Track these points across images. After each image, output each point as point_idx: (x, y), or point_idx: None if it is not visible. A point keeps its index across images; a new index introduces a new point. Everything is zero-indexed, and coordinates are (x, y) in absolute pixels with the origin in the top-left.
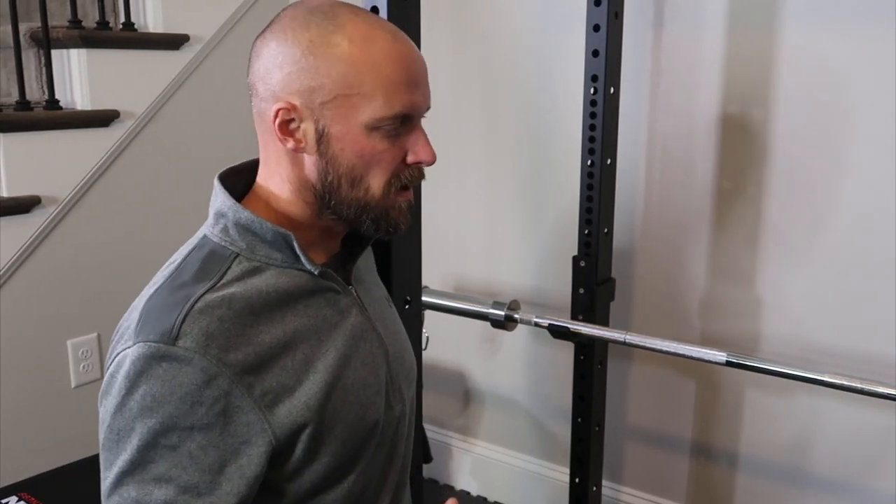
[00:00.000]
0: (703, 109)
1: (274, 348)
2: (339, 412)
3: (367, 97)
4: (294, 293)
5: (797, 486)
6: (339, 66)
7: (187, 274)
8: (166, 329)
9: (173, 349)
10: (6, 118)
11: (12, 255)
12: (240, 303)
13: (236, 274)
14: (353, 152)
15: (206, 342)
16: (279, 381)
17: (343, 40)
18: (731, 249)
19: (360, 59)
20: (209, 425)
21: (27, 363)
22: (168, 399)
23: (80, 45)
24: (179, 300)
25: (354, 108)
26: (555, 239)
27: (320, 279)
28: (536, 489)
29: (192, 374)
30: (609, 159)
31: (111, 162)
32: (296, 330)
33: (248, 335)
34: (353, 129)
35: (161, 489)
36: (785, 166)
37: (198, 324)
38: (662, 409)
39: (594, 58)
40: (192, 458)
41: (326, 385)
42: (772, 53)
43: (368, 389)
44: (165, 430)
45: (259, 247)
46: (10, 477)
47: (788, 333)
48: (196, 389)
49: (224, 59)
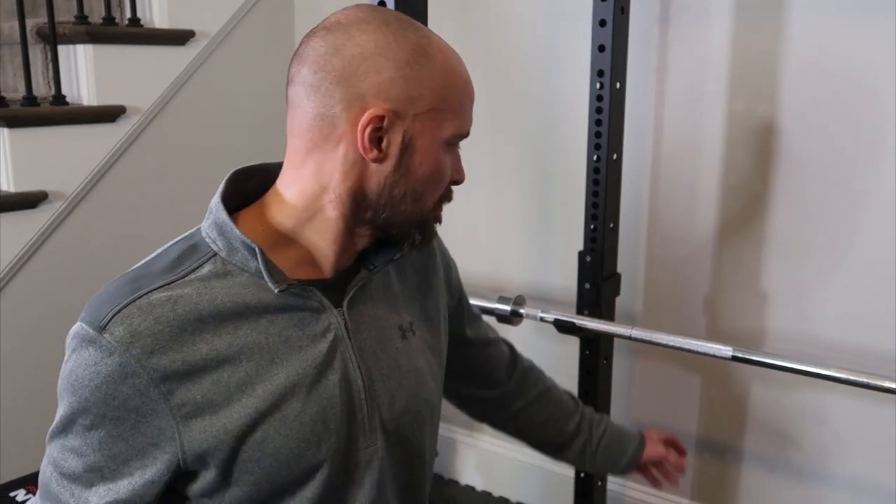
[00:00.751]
0: (710, 105)
1: (210, 360)
2: (267, 445)
3: (453, 113)
4: (256, 307)
5: (802, 481)
6: (438, 79)
7: (159, 264)
8: (100, 317)
9: (99, 337)
10: (13, 113)
11: (19, 251)
12: (186, 307)
13: (204, 273)
14: (429, 166)
15: (130, 340)
16: (205, 396)
17: (437, 54)
18: (736, 245)
19: (453, 75)
20: (120, 419)
21: (33, 358)
22: (86, 384)
23: (87, 41)
24: (128, 291)
25: (441, 122)
26: (560, 234)
27: (293, 297)
28: (541, 484)
29: (111, 367)
30: (615, 154)
31: (117, 157)
32: (245, 346)
33: (184, 341)
34: (434, 143)
35: (73, 460)
36: (791, 162)
37: (129, 320)
38: (668, 404)
39: (600, 53)
40: (101, 443)
41: (257, 413)
42: (779, 48)
43: (317, 426)
44: (82, 410)
45: (235, 251)
46: (18, 471)
47: (794, 328)
48: (112, 382)
49: (230, 55)
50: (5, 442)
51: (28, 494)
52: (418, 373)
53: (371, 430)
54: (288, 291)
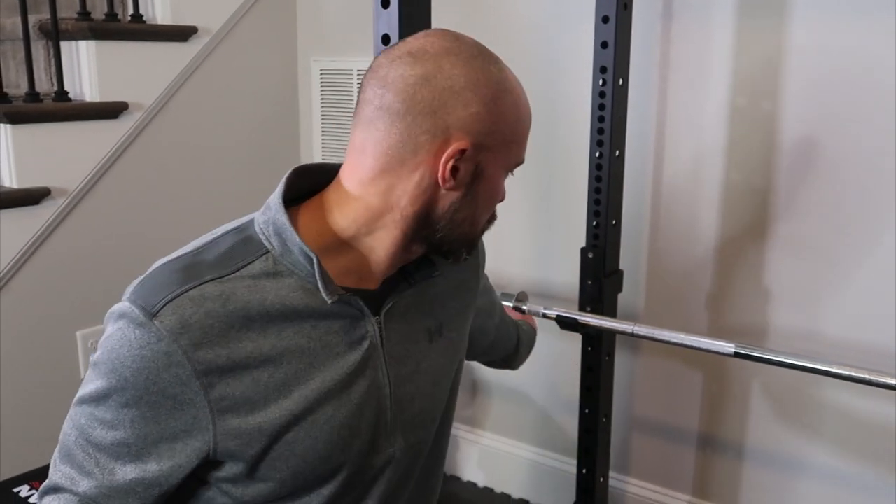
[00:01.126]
0: (712, 101)
1: (253, 359)
2: (298, 446)
3: (519, 145)
4: (303, 311)
5: (803, 477)
6: (513, 113)
7: (211, 254)
8: (153, 302)
9: (149, 323)
10: (16, 110)
11: (22, 246)
12: (236, 305)
13: (256, 271)
14: (492, 192)
15: (180, 330)
16: (244, 393)
17: (515, 89)
18: (739, 241)
19: (524, 109)
20: (157, 403)
21: (36, 354)
22: (129, 365)
23: (89, 37)
24: (182, 280)
25: (509, 152)
26: (563, 230)
27: (338, 304)
28: (543, 480)
29: (158, 353)
30: (617, 151)
31: (120, 153)
32: (287, 348)
33: (230, 338)
34: (499, 172)
35: (102, 431)
36: (794, 159)
37: (181, 310)
38: (670, 400)
39: (603, 49)
40: (133, 421)
41: (291, 415)
42: (781, 44)
43: (344, 431)
44: (120, 388)
45: (289, 253)
46: (22, 466)
47: (797, 325)
48: (156, 369)
49: (232, 51)
50: (8, 438)
51: (31, 490)
52: (436, 373)
53: (391, 433)
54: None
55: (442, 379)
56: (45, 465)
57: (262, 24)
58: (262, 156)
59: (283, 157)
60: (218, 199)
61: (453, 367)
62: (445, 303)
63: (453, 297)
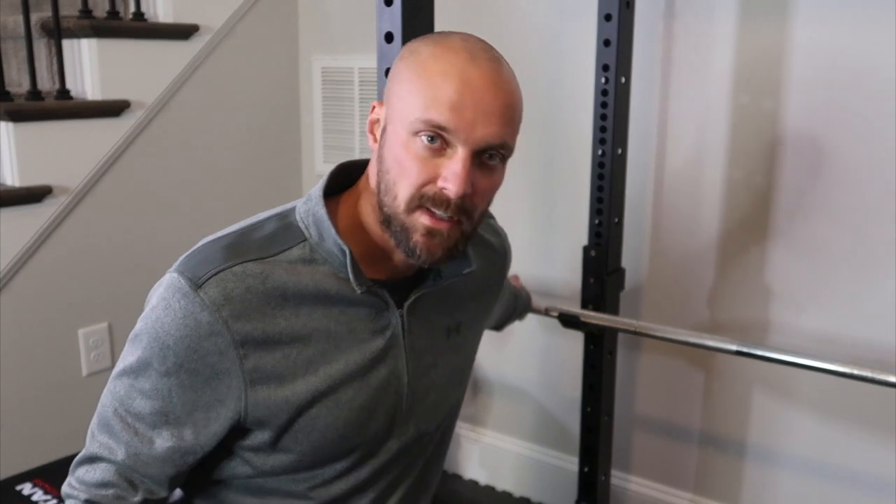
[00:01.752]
0: (714, 99)
1: (285, 336)
2: (320, 421)
3: (415, 101)
4: (333, 297)
5: (805, 475)
6: (409, 71)
7: (254, 236)
8: (199, 274)
9: (192, 293)
10: (18, 108)
11: (24, 245)
12: (274, 283)
13: (294, 257)
14: (393, 155)
15: (222, 302)
16: (274, 367)
17: (427, 51)
18: (741, 239)
19: (426, 67)
20: (196, 371)
21: (39, 352)
22: (172, 333)
23: (91, 35)
24: (226, 257)
25: (405, 109)
26: (565, 228)
27: (366, 293)
28: (545, 478)
29: (200, 322)
30: (620, 149)
31: (122, 152)
32: (316, 329)
33: (266, 313)
34: (399, 130)
35: (141, 400)
36: (796, 157)
37: (224, 284)
38: (671, 398)
39: (605, 47)
40: (171, 390)
41: (316, 391)
42: (783, 43)
43: (363, 413)
44: (161, 356)
45: (324, 243)
46: (24, 464)
47: (799, 323)
48: (197, 337)
49: (234, 49)
50: (10, 436)
51: (34, 488)
52: (451, 368)
53: (405, 422)
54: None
55: (455, 375)
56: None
57: (264, 23)
58: (264, 154)
59: (284, 156)
60: (219, 196)
61: (467, 364)
62: (467, 304)
63: (475, 300)
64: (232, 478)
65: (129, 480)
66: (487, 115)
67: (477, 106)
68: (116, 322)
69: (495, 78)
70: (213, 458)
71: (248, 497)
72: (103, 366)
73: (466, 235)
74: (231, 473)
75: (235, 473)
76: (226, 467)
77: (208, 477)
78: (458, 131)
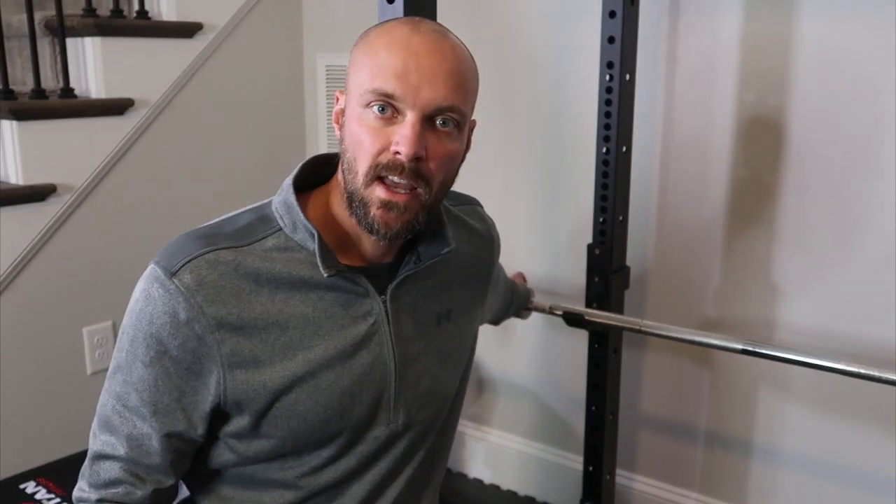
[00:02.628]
0: (720, 97)
1: (261, 321)
2: (298, 406)
3: (362, 74)
4: (309, 282)
5: (811, 474)
6: (357, 52)
7: (229, 227)
8: (173, 263)
9: (168, 282)
10: (22, 106)
11: (28, 243)
12: (247, 269)
13: (268, 245)
14: (350, 133)
15: (196, 287)
16: (251, 351)
17: (373, 32)
18: (746, 238)
19: (370, 44)
20: (179, 359)
21: (43, 351)
22: (153, 322)
23: (95, 34)
24: (199, 245)
25: (355, 85)
26: (569, 226)
27: (342, 279)
28: (550, 477)
29: (175, 309)
30: (624, 147)
31: (126, 150)
32: (293, 314)
33: (241, 298)
34: (353, 107)
35: (134, 393)
36: (801, 154)
37: (198, 271)
38: (677, 397)
39: (610, 44)
40: (157, 380)
41: (294, 377)
42: (789, 40)
43: (345, 398)
44: (146, 347)
45: (297, 230)
46: (28, 463)
47: (805, 321)
48: (175, 323)
49: (238, 48)
50: (15, 434)
51: (38, 487)
52: (445, 357)
53: (395, 410)
54: (338, 275)
55: (450, 363)
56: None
57: (268, 21)
58: (268, 152)
59: (288, 154)
60: (224, 195)
61: (463, 353)
62: (456, 290)
63: (464, 286)
64: (222, 467)
65: (136, 475)
66: (432, 79)
67: (420, 70)
68: (121, 320)
69: (439, 44)
70: (203, 445)
71: (242, 489)
72: (108, 364)
73: (426, 206)
74: (220, 462)
75: (224, 461)
76: (214, 455)
77: (203, 468)
78: (405, 96)
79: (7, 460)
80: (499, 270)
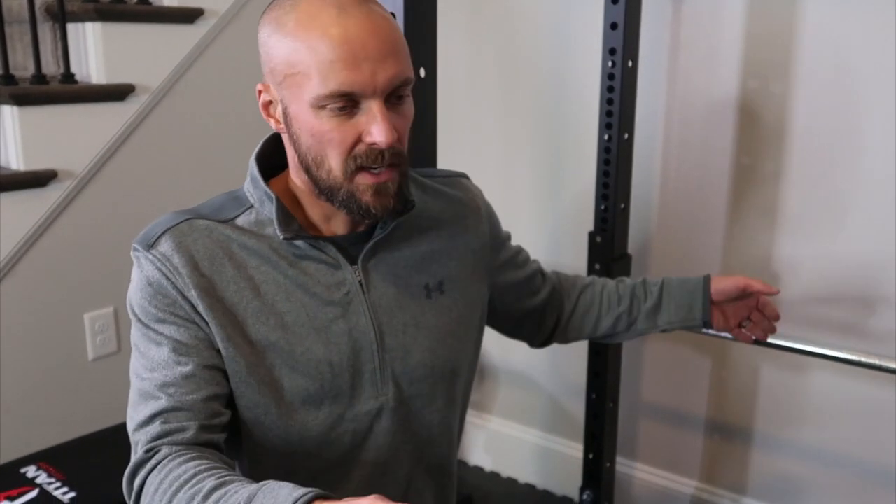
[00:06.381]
0: (722, 84)
1: (233, 283)
2: (275, 371)
3: (305, 76)
4: (279, 251)
5: (811, 463)
6: (284, 45)
7: (205, 208)
8: (150, 236)
9: (146, 253)
10: (22, 92)
11: (29, 229)
12: (220, 236)
13: (241, 222)
14: (307, 132)
15: (171, 252)
16: (226, 312)
17: (291, 20)
18: (748, 226)
19: (300, 37)
20: (177, 315)
21: (45, 337)
22: (145, 292)
23: (96, 19)
24: (175, 218)
25: (300, 87)
26: (571, 214)
27: (312, 249)
28: (550, 465)
29: (160, 273)
30: (626, 134)
31: (127, 136)
32: (264, 280)
33: (214, 262)
34: (303, 108)
35: (157, 356)
36: (804, 142)
37: (173, 237)
38: (677, 385)
39: (612, 31)
40: (170, 334)
41: (266, 340)
42: (792, 28)
43: (323, 366)
44: (148, 315)
45: (264, 202)
46: (29, 447)
47: (806, 311)
48: (161, 287)
49: (239, 33)
50: (16, 419)
51: (38, 471)
52: (439, 330)
53: (383, 382)
54: (309, 245)
55: (449, 337)
56: (52, 446)
57: None
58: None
59: None
60: (224, 181)
61: (465, 329)
62: (444, 261)
63: (453, 257)
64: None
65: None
66: (381, 61)
67: (368, 55)
68: (122, 306)
69: (371, 18)
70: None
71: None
72: (109, 350)
73: (405, 174)
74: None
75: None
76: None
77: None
78: (364, 88)
79: (8, 445)
80: (513, 250)
